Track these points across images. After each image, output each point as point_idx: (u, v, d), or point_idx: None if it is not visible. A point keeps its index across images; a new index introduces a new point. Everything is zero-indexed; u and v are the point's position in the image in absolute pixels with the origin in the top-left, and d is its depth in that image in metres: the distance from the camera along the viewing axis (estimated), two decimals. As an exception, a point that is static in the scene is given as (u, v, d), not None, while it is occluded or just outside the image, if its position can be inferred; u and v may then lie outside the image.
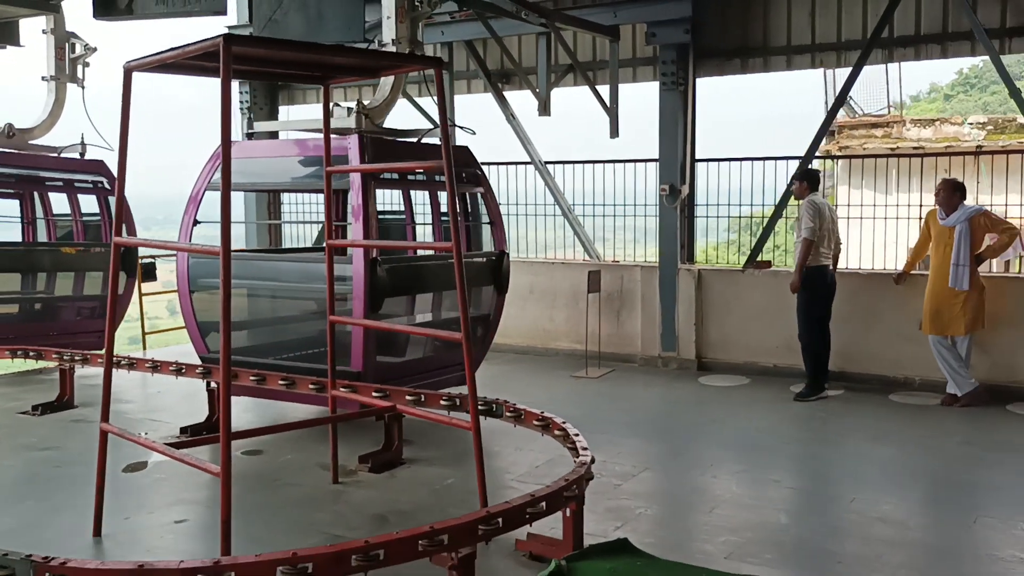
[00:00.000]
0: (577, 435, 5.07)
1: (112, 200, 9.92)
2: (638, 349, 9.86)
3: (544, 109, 9.51)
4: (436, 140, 7.28)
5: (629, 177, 10.03)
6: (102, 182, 10.02)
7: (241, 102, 12.24)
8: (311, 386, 6.41)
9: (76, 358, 7.98)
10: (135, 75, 4.55)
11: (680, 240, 9.53)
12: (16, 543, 3.85)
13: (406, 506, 5.40)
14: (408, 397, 5.96)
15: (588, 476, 4.54)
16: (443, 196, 8.56)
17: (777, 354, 8.99)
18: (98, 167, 9.97)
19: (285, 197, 12.52)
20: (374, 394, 6.02)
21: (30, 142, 9.58)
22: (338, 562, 3.51)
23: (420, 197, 9.18)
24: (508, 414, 5.73)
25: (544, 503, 4.12)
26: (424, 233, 9.47)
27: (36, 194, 10.46)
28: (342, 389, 5.99)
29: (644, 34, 9.49)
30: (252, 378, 6.85)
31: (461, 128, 7.98)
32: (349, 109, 6.75)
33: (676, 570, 4.08)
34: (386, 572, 3.76)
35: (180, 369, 7.37)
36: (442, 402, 5.91)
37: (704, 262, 10.12)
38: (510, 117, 10.84)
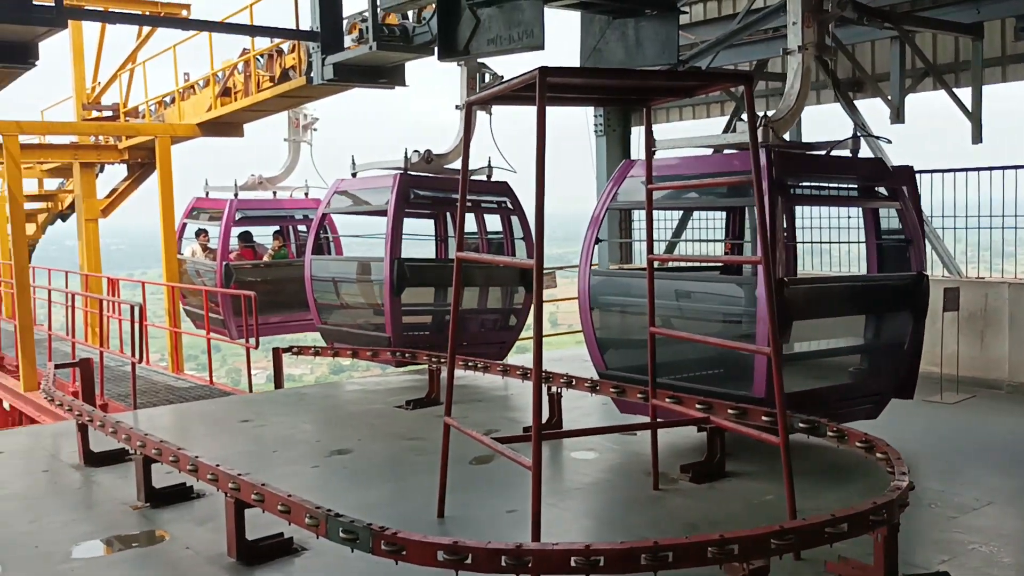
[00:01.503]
0: (899, 458, 4.82)
1: (515, 219, 10.77)
2: (1005, 374, 8.95)
3: (897, 116, 9.00)
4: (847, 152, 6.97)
5: (996, 185, 9.13)
6: (505, 202, 10.74)
7: (596, 125, 12.90)
8: (638, 395, 6.71)
9: (441, 360, 8.94)
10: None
11: (1059, 254, 8.54)
12: (374, 515, 4.48)
13: (719, 517, 5.46)
14: (730, 411, 6.03)
15: (902, 502, 4.32)
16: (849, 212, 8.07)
17: None
18: (503, 188, 10.68)
19: (638, 215, 12.92)
20: (696, 406, 6.15)
21: (444, 166, 10.41)
22: (627, 559, 3.71)
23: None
24: (831, 434, 5.57)
25: (846, 524, 4.01)
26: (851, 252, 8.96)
27: (448, 214, 11.45)
28: (667, 400, 6.22)
29: (1014, 29, 8.64)
30: (586, 385, 7.32)
31: (876, 138, 7.52)
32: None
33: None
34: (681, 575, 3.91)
35: (525, 374, 8.05)
36: (763, 418, 5.90)
37: (1090, 279, 8.92)
38: (861, 127, 10.36)
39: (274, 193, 14.83)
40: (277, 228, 15.14)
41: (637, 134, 13.17)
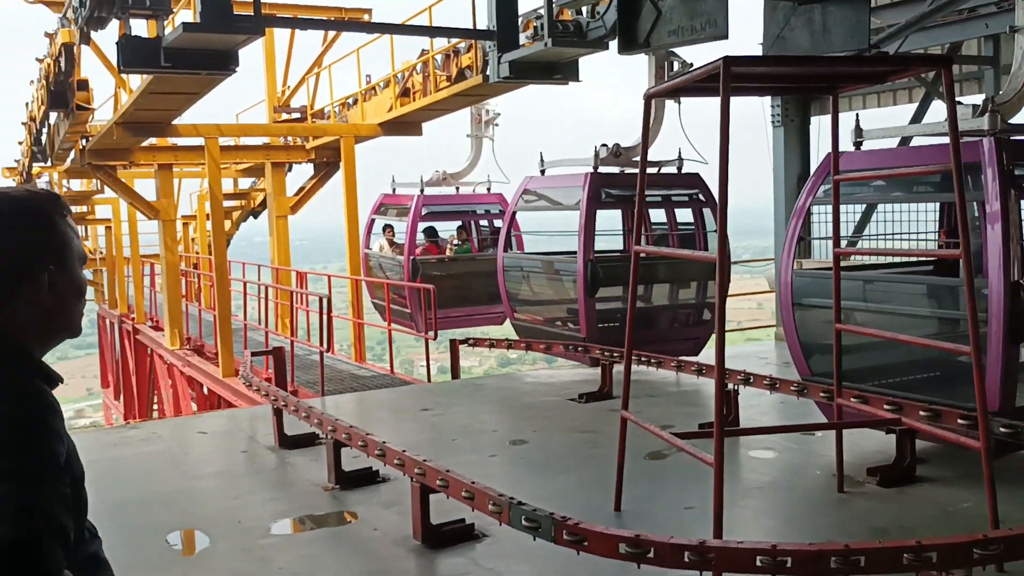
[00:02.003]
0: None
1: (707, 212, 10.45)
2: None
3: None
4: None
5: None
6: (697, 194, 10.49)
7: (772, 116, 12.53)
8: (821, 394, 6.50)
9: (614, 355, 8.93)
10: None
11: None
12: (551, 505, 4.55)
13: (911, 523, 5.21)
14: (922, 412, 5.74)
15: (1123, 515, 3.99)
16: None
17: None
18: (695, 180, 10.40)
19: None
20: (885, 407, 5.89)
21: (633, 159, 10.18)
22: (816, 561, 3.61)
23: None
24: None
25: (1059, 537, 3.74)
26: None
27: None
28: (852, 400, 5.99)
29: None
30: (764, 382, 7.15)
31: None
32: (975, 107, 6.16)
33: None
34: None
35: (700, 370, 7.95)
36: (959, 421, 5.57)
37: None
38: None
39: (457, 188, 15.01)
40: (459, 223, 15.37)
41: (817, 124, 12.70)
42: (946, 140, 6.38)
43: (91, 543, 1.83)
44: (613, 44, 9.76)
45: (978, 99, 10.26)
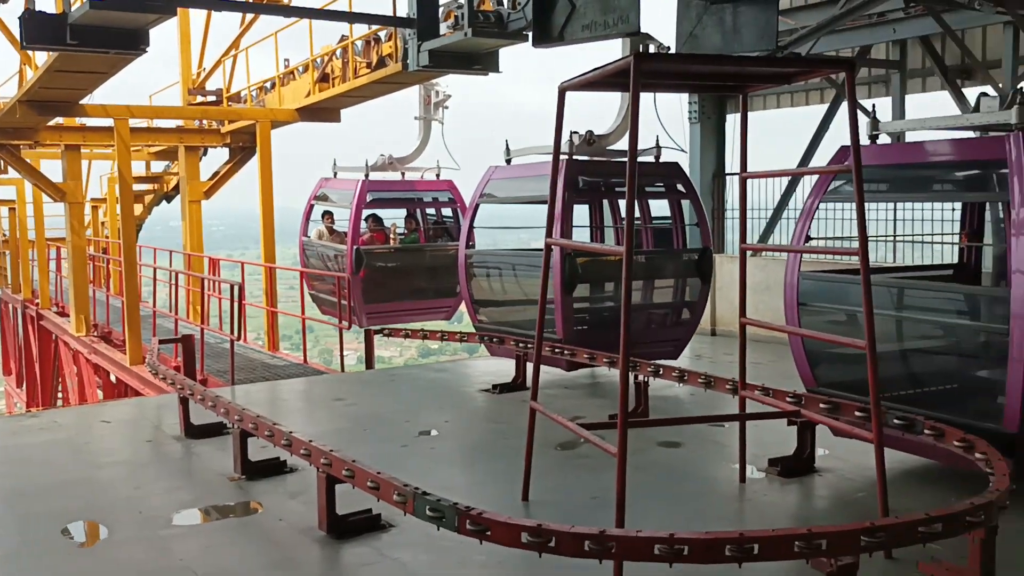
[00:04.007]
0: (1000, 459, 4.66)
1: (686, 204, 9.83)
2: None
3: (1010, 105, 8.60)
4: None
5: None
6: (676, 185, 9.84)
7: (690, 112, 12.74)
8: (726, 386, 6.65)
9: (528, 346, 8.96)
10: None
11: None
12: (460, 495, 4.54)
13: (808, 512, 5.40)
14: (821, 405, 5.90)
15: (1001, 504, 4.17)
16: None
17: None
18: (673, 170, 9.73)
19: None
20: (788, 400, 6.05)
21: (607, 148, 9.65)
22: (711, 549, 3.68)
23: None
24: (928, 432, 5.41)
25: (940, 524, 3.89)
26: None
27: (606, 201, 10.61)
28: (756, 392, 6.14)
29: None
30: (673, 374, 7.28)
31: None
32: (1002, 99, 5.71)
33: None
34: (763, 569, 3.87)
35: (612, 362, 8.03)
36: (856, 413, 5.75)
37: None
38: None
39: (402, 174, 14.19)
40: (406, 211, 14.57)
41: (732, 121, 12.95)
42: (968, 135, 6.15)
43: None
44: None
45: (886, 102, 10.57)
